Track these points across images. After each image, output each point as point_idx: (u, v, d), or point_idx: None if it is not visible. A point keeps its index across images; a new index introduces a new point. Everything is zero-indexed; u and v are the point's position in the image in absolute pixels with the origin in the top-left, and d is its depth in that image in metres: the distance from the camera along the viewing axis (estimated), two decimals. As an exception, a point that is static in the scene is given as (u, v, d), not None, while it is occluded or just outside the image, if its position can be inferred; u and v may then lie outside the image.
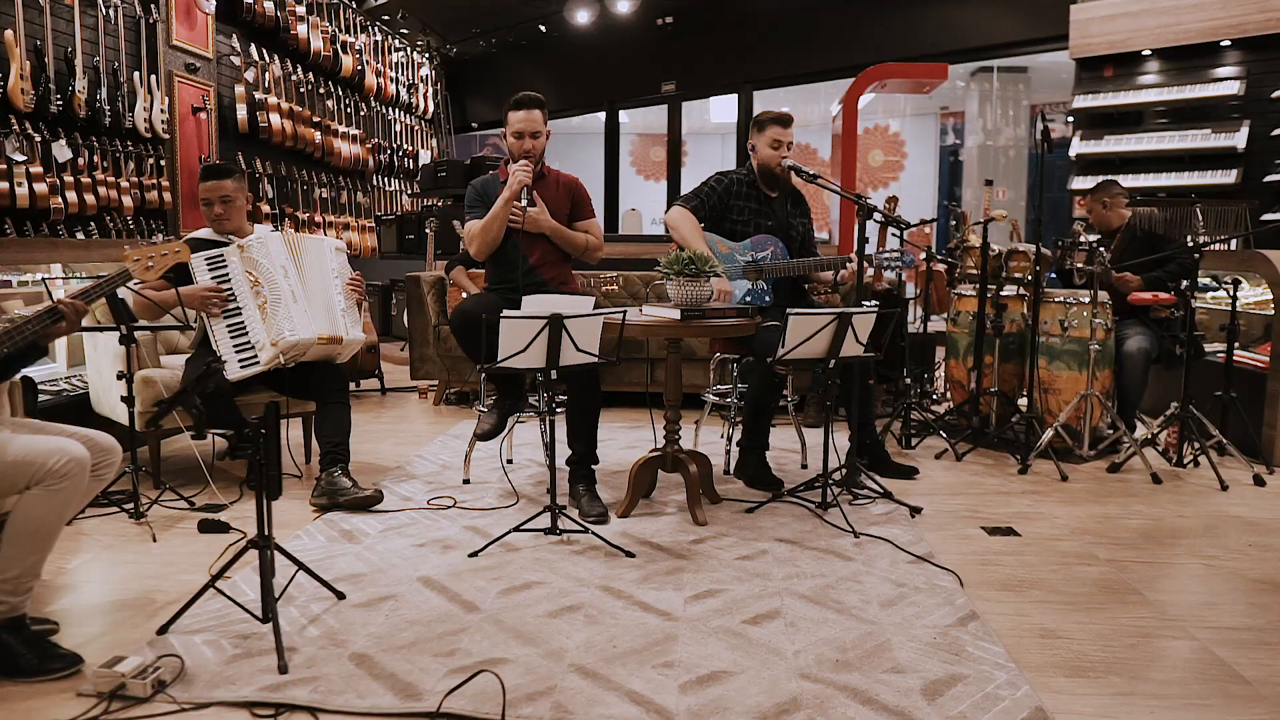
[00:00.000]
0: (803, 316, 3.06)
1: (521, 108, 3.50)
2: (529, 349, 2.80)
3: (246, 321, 3.43)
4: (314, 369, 3.55)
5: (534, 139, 3.48)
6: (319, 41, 8.84)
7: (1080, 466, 4.06)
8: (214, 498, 3.43)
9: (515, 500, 3.46)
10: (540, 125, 3.50)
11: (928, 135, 15.89)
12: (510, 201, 3.39)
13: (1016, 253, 4.35)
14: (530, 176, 3.38)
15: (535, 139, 3.48)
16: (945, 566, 2.79)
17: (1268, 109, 6.86)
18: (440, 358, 5.33)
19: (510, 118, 3.52)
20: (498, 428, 3.52)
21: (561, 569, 2.74)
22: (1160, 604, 2.57)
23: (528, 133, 3.47)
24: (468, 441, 3.99)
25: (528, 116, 3.48)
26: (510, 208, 3.40)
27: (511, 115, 3.51)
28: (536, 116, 3.50)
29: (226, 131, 7.67)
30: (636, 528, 3.15)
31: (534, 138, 3.48)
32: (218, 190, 3.51)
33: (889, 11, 9.20)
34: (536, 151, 3.49)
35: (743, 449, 3.78)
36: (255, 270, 3.46)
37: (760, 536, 3.07)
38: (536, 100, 3.53)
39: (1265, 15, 6.76)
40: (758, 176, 3.82)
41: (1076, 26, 7.52)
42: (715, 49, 10.68)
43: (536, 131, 3.49)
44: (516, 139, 3.49)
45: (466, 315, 3.32)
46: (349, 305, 3.65)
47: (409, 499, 3.48)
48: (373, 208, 10.18)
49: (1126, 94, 7.47)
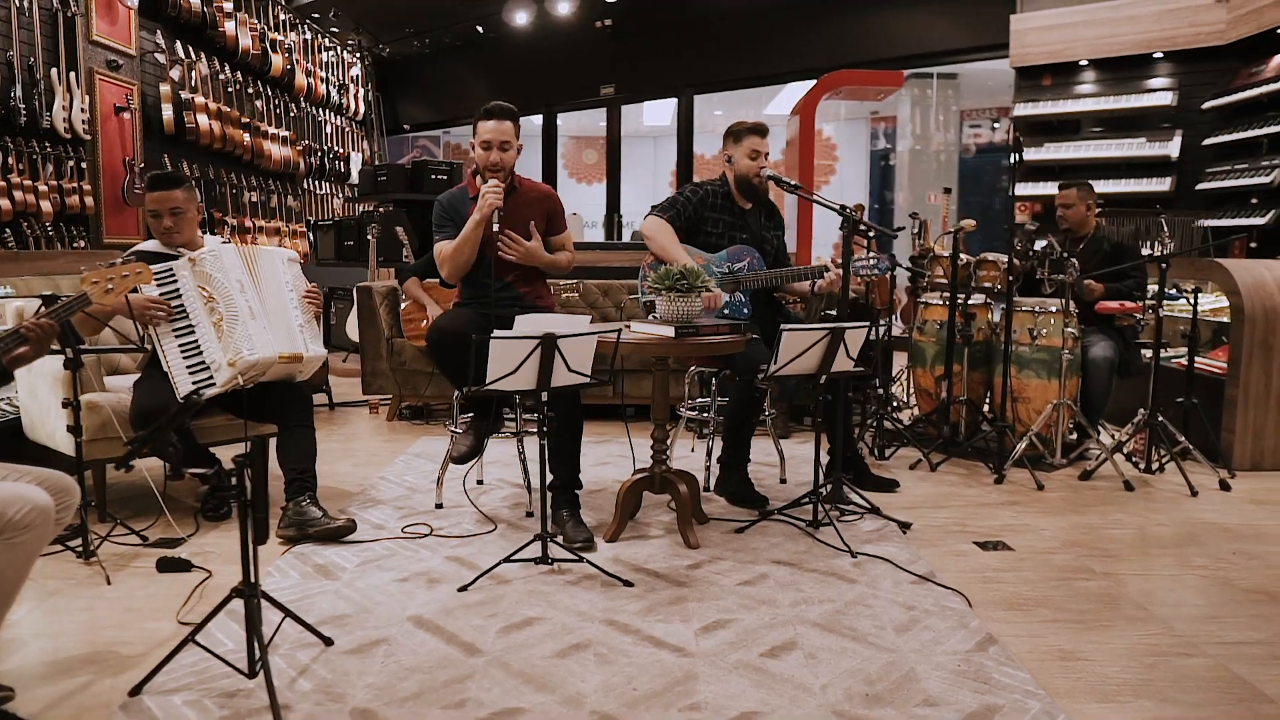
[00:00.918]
0: (796, 333, 2.98)
1: (492, 117, 3.34)
2: (519, 370, 2.66)
3: (200, 340, 3.19)
4: (274, 389, 3.33)
5: (503, 151, 3.32)
6: (247, 39, 8.46)
7: (1052, 474, 4.09)
8: (169, 529, 3.18)
9: (494, 526, 3.30)
10: (511, 137, 3.35)
11: (859, 139, 16.14)
12: (481, 225, 3.24)
13: (986, 262, 4.36)
14: (501, 198, 3.23)
15: (505, 151, 3.33)
16: (950, 586, 2.75)
17: (1198, 120, 7.11)
18: (394, 372, 5.11)
19: (480, 128, 3.35)
20: (474, 450, 3.36)
21: (559, 602, 2.61)
22: (1165, 619, 2.56)
23: (496, 144, 3.31)
24: (434, 462, 3.82)
25: (498, 127, 3.32)
26: (481, 231, 3.25)
27: (481, 125, 3.35)
28: (508, 128, 3.35)
29: (151, 132, 7.27)
30: (627, 553, 3.03)
31: (503, 150, 3.32)
32: (167, 201, 3.27)
33: (832, 18, 9.26)
34: (506, 165, 3.33)
35: (723, 465, 3.68)
36: (209, 285, 3.22)
37: (756, 559, 2.98)
38: (508, 111, 3.38)
39: (1195, 30, 7.00)
40: (733, 188, 3.74)
41: (1016, 36, 7.68)
42: (655, 52, 10.62)
43: (506, 143, 3.33)
44: (485, 150, 3.33)
45: (446, 334, 3.15)
46: (307, 320, 3.44)
47: (381, 527, 3.29)
48: (304, 212, 9.81)
49: (1065, 103, 7.65)
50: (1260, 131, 6.45)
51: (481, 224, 3.23)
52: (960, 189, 14.04)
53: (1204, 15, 6.93)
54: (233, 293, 3.22)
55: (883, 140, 15.84)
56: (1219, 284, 4.31)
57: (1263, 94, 6.42)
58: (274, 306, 3.33)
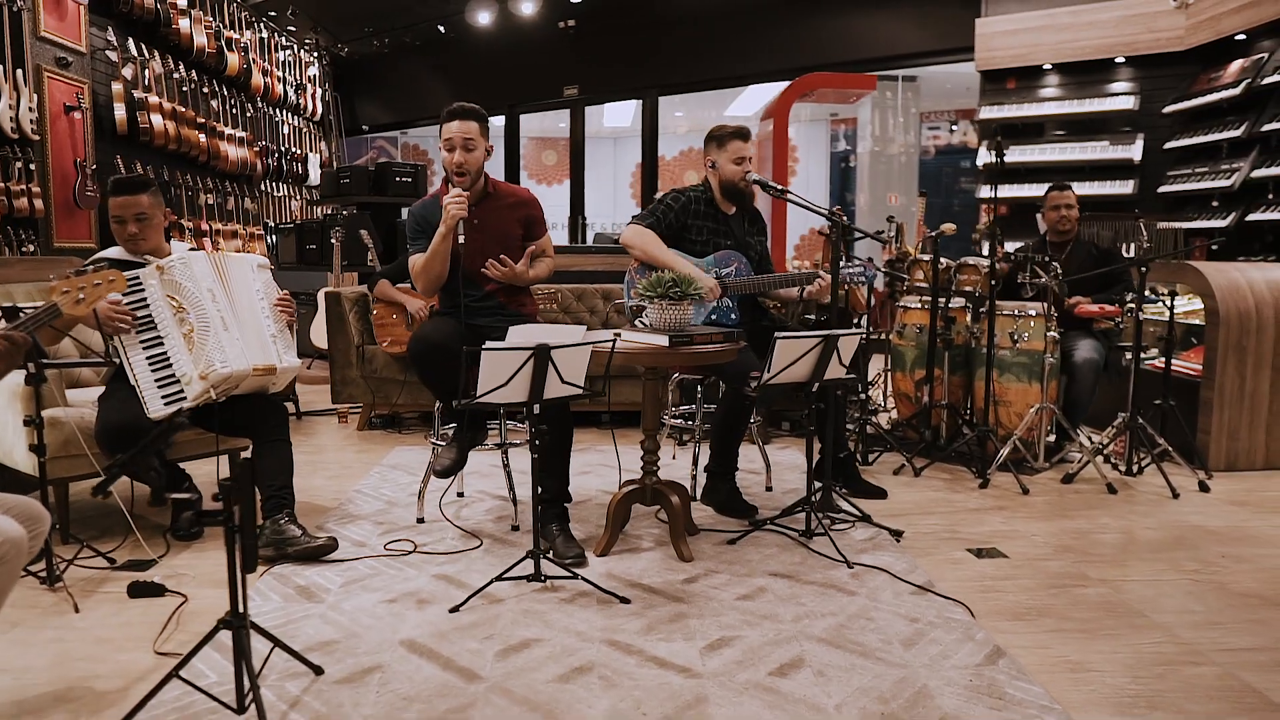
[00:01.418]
0: (790, 341, 2.93)
1: (455, 118, 3.23)
2: (510, 382, 2.57)
3: (170, 352, 3.05)
4: (247, 402, 3.20)
5: (467, 151, 3.21)
6: (202, 37, 8.22)
7: (1035, 478, 4.10)
8: (138, 550, 3.03)
9: (479, 542, 3.19)
10: (475, 135, 3.23)
11: (819, 141, 16.24)
12: (448, 237, 3.14)
13: (966, 266, 4.36)
14: (464, 208, 3.12)
15: (469, 151, 3.21)
16: (951, 597, 2.71)
17: (1158, 123, 7.23)
18: (365, 380, 4.97)
19: (443, 129, 3.25)
20: (458, 463, 3.25)
21: (556, 621, 2.52)
22: (1167, 626, 2.55)
23: (459, 143, 3.20)
24: (411, 473, 3.72)
25: (461, 126, 3.21)
26: (449, 243, 3.15)
27: (444, 126, 3.25)
28: (471, 127, 3.24)
29: (103, 133, 7.02)
30: (620, 568, 2.95)
31: (467, 149, 3.21)
32: (132, 207, 3.11)
33: (799, 20, 9.27)
34: (470, 166, 3.22)
35: (711, 474, 3.62)
36: (178, 294, 3.07)
37: (752, 572, 2.92)
38: (471, 110, 3.27)
39: (1154, 35, 7.12)
40: (716, 193, 3.68)
41: (981, 40, 7.75)
42: (619, 53, 10.54)
43: (470, 141, 3.20)
44: (448, 151, 3.23)
45: (431, 345, 3.05)
46: (280, 329, 3.31)
47: (363, 544, 3.17)
48: (261, 214, 9.57)
49: (1029, 106, 7.74)
50: (1220, 136, 6.58)
51: (448, 236, 3.13)
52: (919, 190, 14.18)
53: (1163, 21, 7.06)
54: (204, 302, 3.08)
55: (843, 142, 15.95)
56: (1193, 287, 4.35)
57: (1222, 99, 6.55)
58: (246, 316, 3.20)
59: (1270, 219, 6.09)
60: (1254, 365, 4.24)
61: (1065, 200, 4.46)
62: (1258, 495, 3.91)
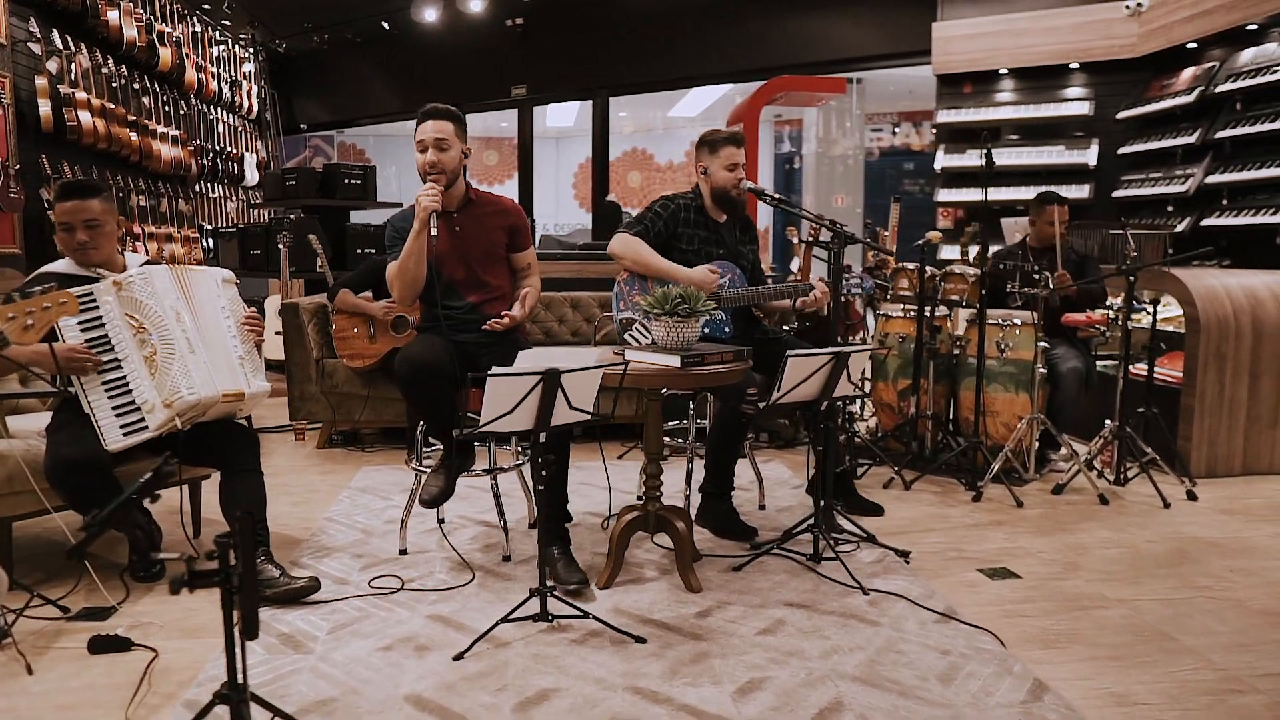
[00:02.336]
0: (802, 358, 2.80)
1: (427, 118, 3.05)
2: (517, 409, 2.38)
3: (129, 377, 2.78)
4: (213, 429, 2.94)
5: (441, 151, 3.01)
6: (133, 30, 7.77)
7: (1025, 489, 4.04)
8: (93, 596, 2.76)
9: (471, 575, 2.98)
10: (450, 135, 3.04)
11: (763, 143, 16.23)
12: (422, 233, 2.94)
13: (953, 275, 4.29)
14: (438, 201, 2.93)
15: (442, 151, 3.01)
16: (977, 625, 2.61)
17: (1113, 129, 7.32)
18: (325, 395, 4.70)
19: (416, 130, 3.06)
20: (446, 492, 3.04)
21: (571, 667, 2.34)
22: (1199, 650, 2.49)
23: (431, 143, 3.01)
24: (382, 497, 3.50)
25: (435, 126, 3.02)
26: (424, 240, 2.94)
27: (418, 128, 3.05)
28: (446, 128, 3.04)
29: (26, 130, 6.56)
30: (627, 601, 2.78)
31: (440, 149, 3.01)
32: (82, 213, 2.82)
33: (752, 21, 9.19)
34: (445, 166, 3.02)
35: (706, 494, 3.47)
36: (139, 313, 2.81)
37: (766, 602, 2.78)
38: (445, 111, 3.08)
39: (1109, 42, 7.20)
40: (707, 201, 3.53)
41: (939, 44, 7.75)
42: (568, 53, 10.33)
43: (442, 140, 3.01)
44: (420, 152, 3.03)
45: (419, 366, 2.83)
46: (247, 350, 3.06)
47: (344, 581, 2.93)
48: (196, 216, 9.12)
49: (986, 110, 7.77)
50: (1174, 142, 6.67)
51: (422, 232, 2.93)
52: (865, 192, 14.28)
53: (1117, 28, 7.14)
54: (167, 321, 2.82)
55: (787, 144, 15.98)
56: (1174, 294, 4.36)
57: (1175, 106, 6.64)
58: (213, 336, 2.95)
59: (1224, 224, 6.19)
60: (1233, 372, 4.26)
61: (1062, 216, 4.38)
62: (1243, 503, 3.92)
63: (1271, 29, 6.17)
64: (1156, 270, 4.52)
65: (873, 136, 15.11)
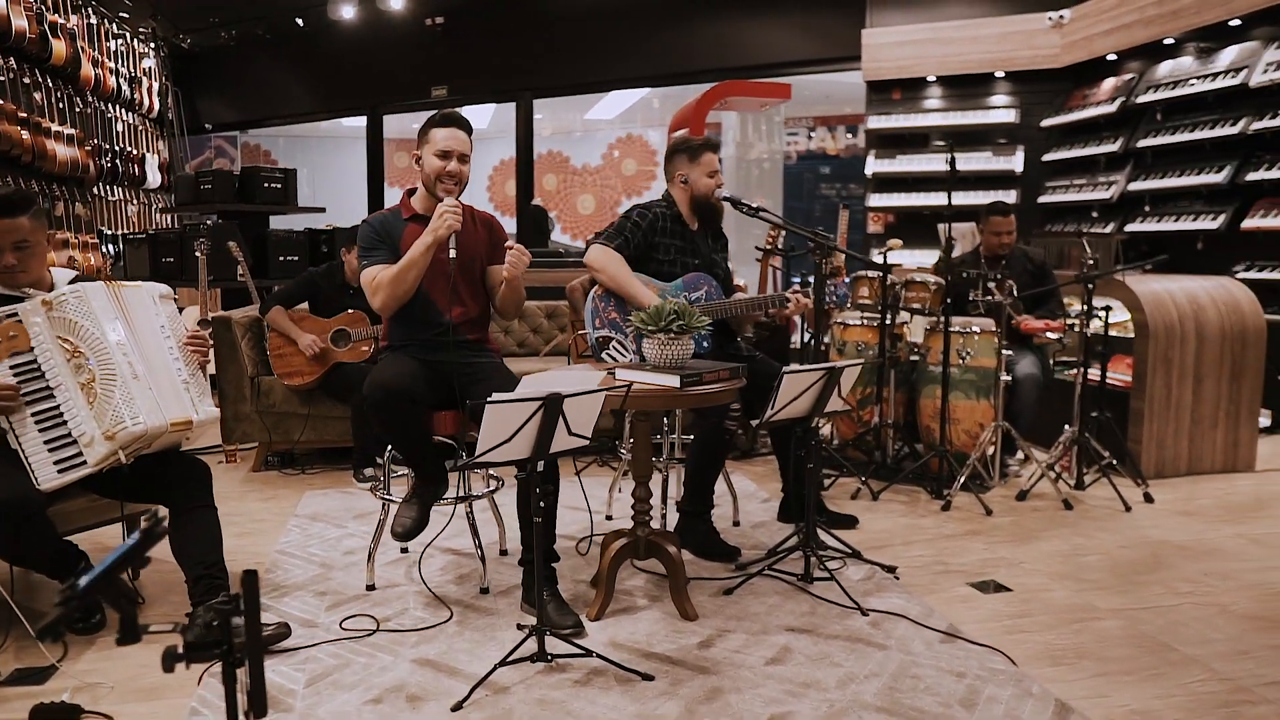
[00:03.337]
0: (797, 374, 2.71)
1: (450, 123, 2.88)
2: (515, 438, 2.21)
3: (64, 407, 2.49)
4: (160, 461, 2.67)
5: (461, 163, 2.86)
6: (22, 20, 7.18)
7: (989, 496, 4.06)
8: (28, 654, 2.45)
9: (449, 613, 2.78)
10: (468, 149, 2.89)
11: (680, 146, 16.22)
12: (433, 249, 2.75)
13: (914, 283, 4.28)
14: (460, 220, 2.76)
15: (463, 163, 2.86)
16: (984, 643, 2.56)
17: (1036, 136, 7.53)
18: (261, 415, 4.39)
19: (434, 135, 2.87)
20: (420, 523, 2.83)
21: (580, 711, 2.18)
22: (1201, 660, 2.50)
23: (456, 153, 2.85)
24: (335, 525, 3.29)
25: (461, 138, 2.87)
26: (431, 254, 2.76)
27: (436, 132, 2.87)
28: (468, 141, 2.89)
29: (-95, 129, 5.98)
30: (623, 634, 2.63)
31: (462, 161, 2.86)
32: (11, 233, 2.51)
33: (681, 24, 9.13)
34: (463, 180, 2.86)
35: (686, 514, 3.35)
36: (73, 335, 2.52)
37: (766, 628, 2.68)
38: (465, 121, 2.92)
39: (1032, 52, 7.41)
40: (683, 209, 3.41)
41: (868, 50, 7.84)
42: (492, 54, 10.07)
43: (465, 155, 2.87)
44: (441, 159, 2.85)
45: (393, 393, 2.61)
46: (192, 372, 2.79)
47: (312, 623, 2.70)
48: (94, 221, 8.52)
49: (914, 116, 7.90)
50: (1097, 150, 6.90)
51: (434, 248, 2.74)
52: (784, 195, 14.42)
53: (1040, 39, 7.35)
54: (107, 344, 2.54)
55: (705, 148, 16.01)
56: (1122, 301, 4.46)
57: (1098, 115, 6.87)
58: (155, 359, 2.67)
59: (1147, 230, 6.42)
60: (1178, 376, 4.38)
61: (1007, 227, 4.46)
62: (1195, 504, 4.02)
63: (1187, 44, 6.43)
64: (1108, 279, 4.61)
65: (789, 140, 15.30)
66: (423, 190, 2.96)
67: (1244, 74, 5.76)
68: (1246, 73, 5.74)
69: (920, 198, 7.83)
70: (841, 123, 14.19)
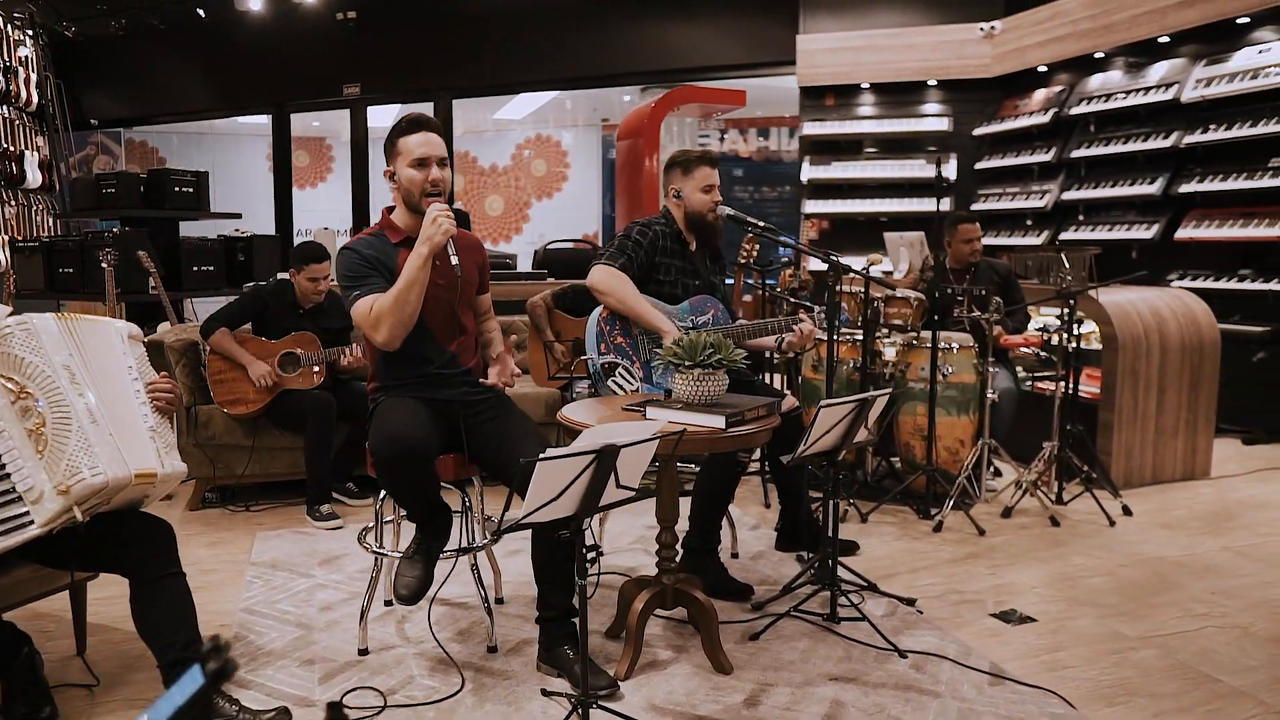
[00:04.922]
0: (833, 407, 2.56)
1: (419, 128, 2.59)
2: (563, 495, 1.98)
3: (6, 457, 2.12)
4: (116, 522, 2.32)
5: (441, 168, 2.58)
6: (-114, 4, 6.43)
7: (975, 513, 4.01)
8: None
9: (460, 680, 2.51)
10: (444, 153, 2.61)
11: (591, 148, 16.00)
12: (431, 259, 2.46)
13: (895, 299, 4.20)
14: (454, 224, 2.49)
15: (443, 168, 2.59)
16: (1035, 685, 2.47)
17: (969, 144, 7.65)
18: (199, 448, 3.98)
19: (405, 143, 2.58)
20: (425, 581, 2.54)
21: (644, 796, 1.97)
22: (1247, 690, 2.47)
23: (434, 159, 2.57)
24: (301, 575, 3.00)
25: (436, 142, 2.59)
26: (430, 268, 2.47)
27: (407, 140, 2.58)
28: (440, 141, 2.61)
29: None
30: (659, 694, 2.43)
31: (441, 166, 2.58)
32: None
33: (611, 26, 8.92)
34: (446, 186, 2.59)
35: (692, 550, 3.16)
36: (19, 374, 2.16)
37: (808, 679, 2.52)
38: (434, 121, 2.64)
39: (964, 62, 7.51)
40: (681, 226, 3.22)
41: (803, 56, 7.81)
42: (407, 52, 9.63)
43: (443, 159, 2.59)
44: (418, 169, 2.56)
45: (406, 449, 2.32)
46: (158, 421, 2.44)
47: (308, 701, 2.39)
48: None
49: (848, 123, 7.91)
50: (1030, 159, 7.04)
51: (430, 259, 2.45)
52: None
53: (971, 49, 7.46)
54: (60, 384, 2.19)
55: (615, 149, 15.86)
56: (1090, 314, 4.50)
57: (1030, 125, 7.01)
58: (120, 404, 2.32)
59: (1081, 238, 6.58)
60: (1144, 387, 4.45)
61: (976, 234, 4.45)
62: (1170, 515, 4.07)
63: (1116, 58, 6.62)
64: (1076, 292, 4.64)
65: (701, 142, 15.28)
66: (403, 209, 2.67)
67: (1175, 89, 5.95)
68: (1178, 88, 5.93)
69: (855, 204, 7.85)
70: (752, 125, 14.23)
